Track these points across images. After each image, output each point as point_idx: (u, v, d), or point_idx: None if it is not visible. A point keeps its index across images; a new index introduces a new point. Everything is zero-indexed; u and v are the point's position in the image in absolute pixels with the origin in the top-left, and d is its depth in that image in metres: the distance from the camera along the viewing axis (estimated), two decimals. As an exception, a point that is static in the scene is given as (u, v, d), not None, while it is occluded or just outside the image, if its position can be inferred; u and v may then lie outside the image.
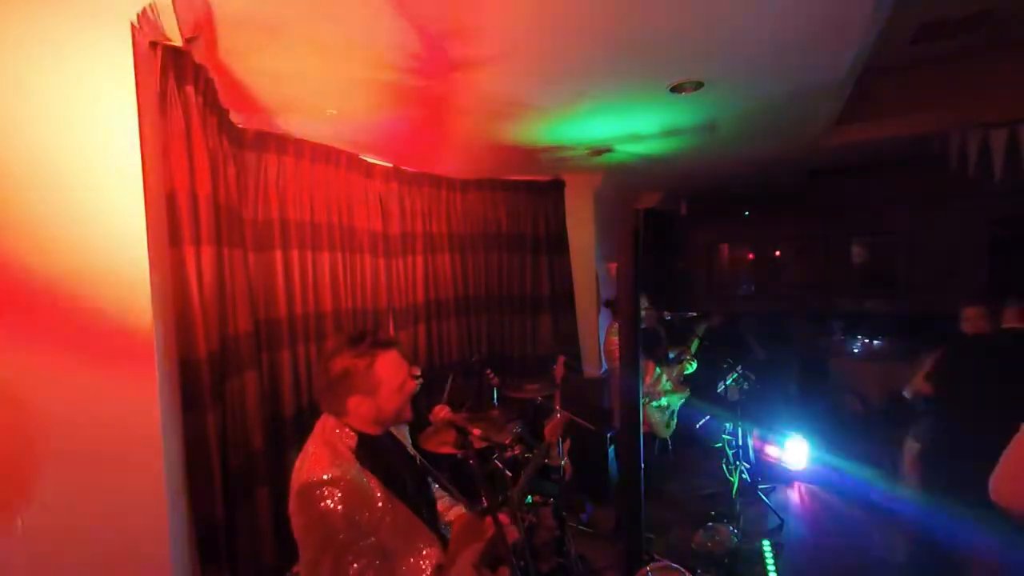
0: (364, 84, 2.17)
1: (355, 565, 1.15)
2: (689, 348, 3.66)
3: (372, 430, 1.34)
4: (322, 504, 1.16)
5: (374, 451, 1.32)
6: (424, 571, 1.27)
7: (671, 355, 4.02)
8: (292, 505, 1.22)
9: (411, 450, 1.58)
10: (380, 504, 1.23)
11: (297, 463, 1.27)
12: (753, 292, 8.53)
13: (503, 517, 1.38)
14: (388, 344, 1.35)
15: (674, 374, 3.59)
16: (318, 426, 1.34)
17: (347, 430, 1.30)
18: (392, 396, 1.32)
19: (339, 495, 1.17)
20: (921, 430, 2.94)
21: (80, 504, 1.39)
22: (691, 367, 3.63)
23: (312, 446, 1.29)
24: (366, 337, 1.34)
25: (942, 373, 2.71)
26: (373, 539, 1.20)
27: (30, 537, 1.33)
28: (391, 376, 1.32)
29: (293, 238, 2.60)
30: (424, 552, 1.29)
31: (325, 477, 1.19)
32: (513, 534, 1.41)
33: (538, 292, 4.31)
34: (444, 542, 1.36)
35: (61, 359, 1.37)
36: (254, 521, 2.14)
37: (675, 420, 3.69)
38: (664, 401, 3.50)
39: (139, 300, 1.48)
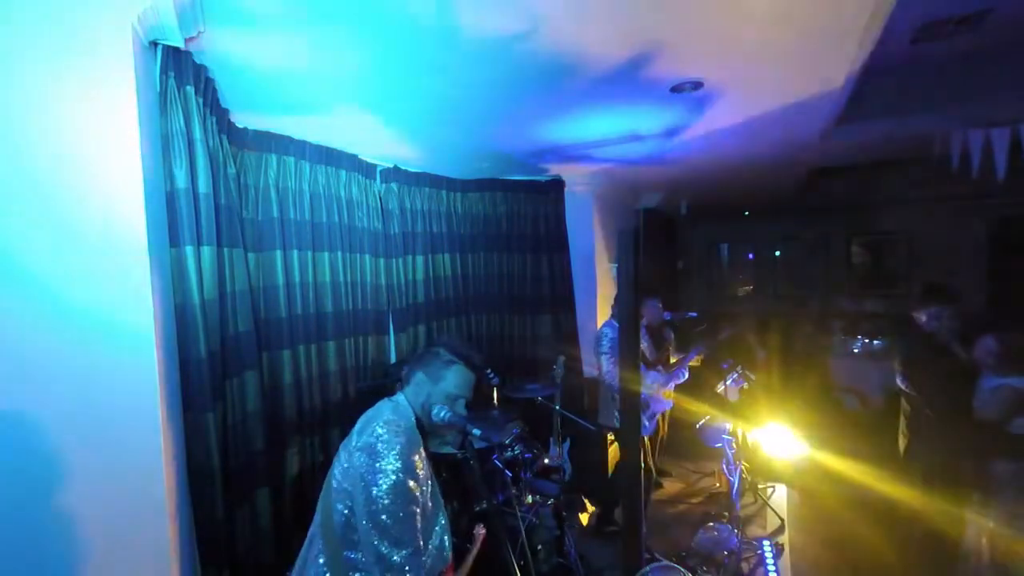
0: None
1: (417, 513, 1.28)
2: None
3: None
4: (389, 457, 1.27)
5: (424, 432, 1.45)
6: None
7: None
8: (355, 459, 1.31)
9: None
10: (423, 474, 1.35)
11: (359, 426, 1.40)
12: (753, 292, 8.54)
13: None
14: (477, 367, 1.52)
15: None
16: (381, 403, 1.48)
17: (407, 410, 1.44)
18: (440, 396, 1.45)
19: (404, 452, 1.29)
20: None
21: (80, 504, 1.39)
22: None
23: (377, 413, 1.42)
24: (468, 350, 1.52)
25: None
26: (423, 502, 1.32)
27: (30, 537, 1.33)
28: (452, 384, 1.46)
29: (293, 238, 2.60)
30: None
31: (390, 435, 1.31)
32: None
33: (538, 292, 4.30)
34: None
35: (61, 360, 1.37)
36: (254, 521, 2.14)
37: (653, 423, 3.63)
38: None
39: (139, 300, 1.48)
